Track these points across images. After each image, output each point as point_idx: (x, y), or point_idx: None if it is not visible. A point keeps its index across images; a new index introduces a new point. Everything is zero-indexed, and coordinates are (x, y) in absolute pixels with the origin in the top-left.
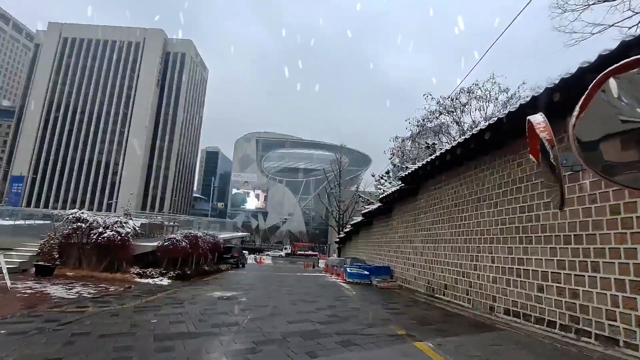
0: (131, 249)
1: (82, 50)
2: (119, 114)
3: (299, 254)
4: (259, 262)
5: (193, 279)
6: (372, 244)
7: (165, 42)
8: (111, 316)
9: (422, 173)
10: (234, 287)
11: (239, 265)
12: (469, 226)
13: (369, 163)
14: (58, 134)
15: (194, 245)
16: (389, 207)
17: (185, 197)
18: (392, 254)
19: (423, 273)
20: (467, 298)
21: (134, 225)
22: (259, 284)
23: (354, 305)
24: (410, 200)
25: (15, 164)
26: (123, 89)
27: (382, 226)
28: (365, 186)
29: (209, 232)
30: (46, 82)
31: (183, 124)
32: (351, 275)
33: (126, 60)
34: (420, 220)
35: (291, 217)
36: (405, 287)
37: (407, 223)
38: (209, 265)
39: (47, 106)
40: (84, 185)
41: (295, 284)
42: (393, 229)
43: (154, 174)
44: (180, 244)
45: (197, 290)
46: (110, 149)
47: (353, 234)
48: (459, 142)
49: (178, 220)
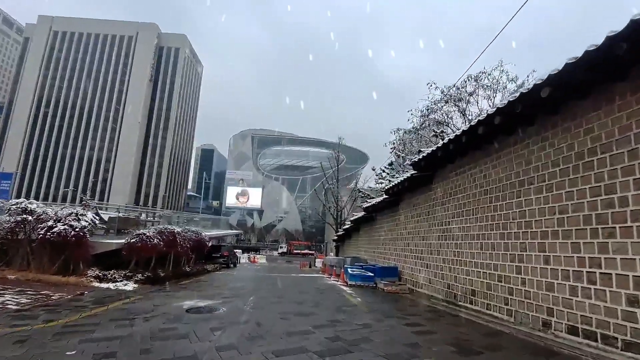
0: (90, 246)
1: (72, 44)
2: (111, 110)
3: (295, 252)
4: (252, 261)
5: (168, 283)
6: (374, 241)
7: (159, 37)
8: (13, 344)
9: (442, 155)
10: (214, 292)
11: (229, 265)
12: (507, 217)
13: (367, 161)
14: (48, 129)
15: (170, 243)
16: (396, 199)
17: (179, 195)
18: (400, 252)
19: (441, 276)
20: (507, 309)
21: (93, 219)
22: (246, 288)
23: (363, 319)
24: (423, 190)
25: (3, 160)
26: (115, 84)
27: (387, 221)
28: (364, 182)
29: (192, 229)
30: (35, 77)
31: (177, 121)
32: (353, 277)
33: (118, 55)
34: (436, 213)
35: (287, 215)
36: (416, 291)
37: (419, 217)
38: (191, 266)
39: (36, 101)
40: (75, 182)
41: (289, 287)
42: (400, 225)
43: (146, 171)
44: (151, 240)
45: (165, 298)
46: (102, 146)
47: (353, 231)
48: (500, 107)
49: (160, 214)
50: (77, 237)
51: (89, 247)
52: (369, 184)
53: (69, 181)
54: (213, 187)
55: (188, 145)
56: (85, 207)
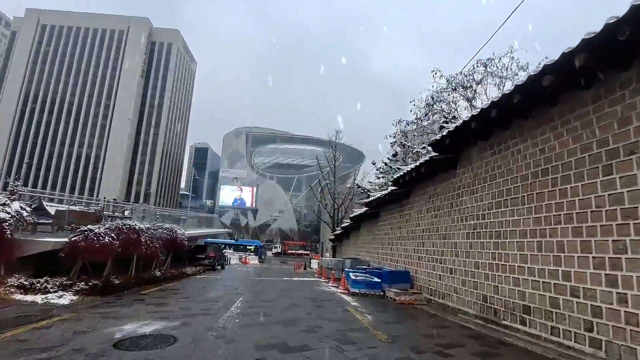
0: (14, 246)
1: (61, 38)
2: (101, 106)
3: (289, 253)
4: (244, 262)
5: (126, 292)
6: (378, 241)
7: (151, 32)
8: None
9: (476, 127)
10: (177, 307)
11: (216, 267)
12: (586, 205)
13: (363, 160)
14: (35, 126)
15: (131, 243)
16: (406, 191)
17: (172, 194)
18: (412, 254)
19: (472, 284)
20: (591, 337)
21: (19, 210)
22: (224, 298)
23: (383, 354)
24: (443, 177)
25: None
26: (105, 79)
27: (395, 217)
28: (362, 179)
29: (165, 225)
30: (23, 72)
31: (169, 118)
32: (356, 283)
33: (109, 49)
34: (464, 205)
35: (282, 214)
36: (435, 301)
37: (438, 211)
38: (163, 270)
39: (23, 97)
40: (63, 180)
41: (279, 297)
42: (412, 220)
43: (137, 168)
44: (101, 239)
45: (101, 319)
46: (92, 142)
47: (352, 229)
48: (588, 39)
49: (130, 209)
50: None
51: (13, 246)
52: (369, 179)
53: (57, 179)
54: (208, 186)
55: (181, 142)
56: (11, 195)
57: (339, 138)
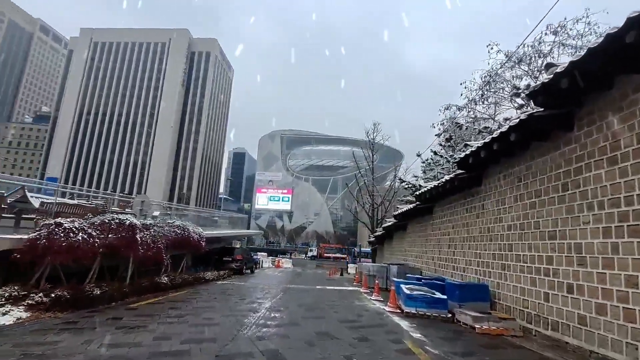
0: None
1: (111, 54)
2: (146, 115)
3: (326, 256)
4: (276, 265)
5: (113, 304)
6: (433, 243)
7: (190, 42)
8: None
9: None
10: (150, 339)
11: (244, 272)
12: None
13: (402, 158)
14: (89, 136)
15: (123, 242)
16: (475, 175)
17: (211, 198)
18: (490, 260)
19: (623, 313)
20: None
21: None
22: (227, 322)
23: None
24: (542, 148)
25: (49, 166)
26: (150, 89)
27: (458, 212)
28: (405, 174)
29: (176, 222)
30: (78, 87)
31: (208, 124)
32: (412, 300)
33: (152, 61)
34: (593, 184)
35: (318, 217)
36: (539, 332)
37: (538, 197)
38: (172, 275)
39: (78, 110)
40: (113, 185)
41: (305, 319)
42: (488, 214)
43: (179, 174)
44: (72, 236)
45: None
46: (138, 150)
47: (396, 230)
48: None
49: (137, 204)
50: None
51: None
52: (413, 173)
53: (108, 184)
54: (245, 190)
55: (219, 148)
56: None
57: (377, 131)
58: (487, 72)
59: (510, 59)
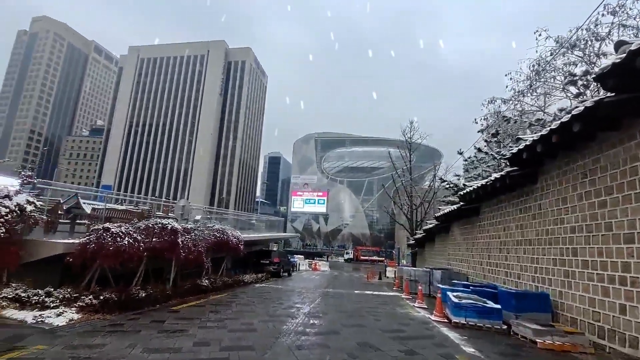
0: (14, 248)
1: (155, 68)
2: (188, 124)
3: (362, 259)
4: (313, 268)
5: (158, 306)
6: (481, 246)
7: (227, 52)
8: None
9: None
10: (191, 344)
11: (281, 274)
12: None
13: (440, 158)
14: (137, 146)
15: (166, 246)
16: (530, 172)
17: (248, 202)
18: (549, 266)
19: None
20: None
21: (21, 204)
22: (265, 328)
23: None
24: (611, 140)
25: (104, 174)
26: (191, 100)
27: (510, 212)
28: (445, 172)
29: (215, 226)
30: (127, 101)
31: (244, 130)
32: (460, 309)
33: (193, 73)
34: None
35: (353, 219)
36: (615, 350)
37: (609, 194)
38: (213, 277)
39: (128, 122)
40: (159, 191)
41: (345, 327)
42: (546, 215)
43: (219, 179)
44: (118, 240)
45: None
46: (181, 157)
47: (438, 232)
48: None
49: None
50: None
51: (14, 249)
52: (454, 172)
53: (155, 190)
54: (281, 193)
55: (255, 153)
56: (24, 185)
57: (414, 129)
58: (535, 61)
59: (562, 45)
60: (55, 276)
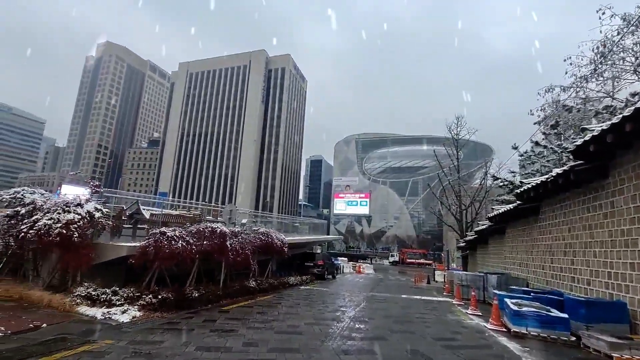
0: (88, 251)
1: (202, 81)
2: (233, 132)
3: (408, 262)
4: (357, 271)
5: (210, 305)
6: (543, 249)
7: (267, 60)
8: None
9: None
10: (240, 344)
11: (325, 277)
12: None
13: (491, 154)
14: (189, 155)
15: (215, 248)
16: (600, 166)
17: (291, 205)
18: (626, 271)
19: None
20: None
21: (91, 211)
22: (311, 332)
23: None
24: None
25: (160, 182)
26: (235, 109)
27: (576, 212)
28: (498, 170)
29: (261, 229)
30: (179, 114)
31: (286, 135)
32: (521, 317)
33: (237, 83)
34: None
35: (398, 220)
36: None
37: None
38: (259, 279)
39: (180, 133)
40: (209, 197)
41: (393, 333)
42: (623, 213)
43: (262, 183)
44: (173, 243)
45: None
46: (228, 164)
47: (492, 234)
48: None
49: (230, 209)
50: (63, 238)
51: (86, 252)
52: (509, 169)
53: (205, 196)
54: (323, 195)
55: (297, 157)
56: (93, 194)
57: (461, 125)
58: (600, 42)
59: (631, 23)
60: (120, 276)
